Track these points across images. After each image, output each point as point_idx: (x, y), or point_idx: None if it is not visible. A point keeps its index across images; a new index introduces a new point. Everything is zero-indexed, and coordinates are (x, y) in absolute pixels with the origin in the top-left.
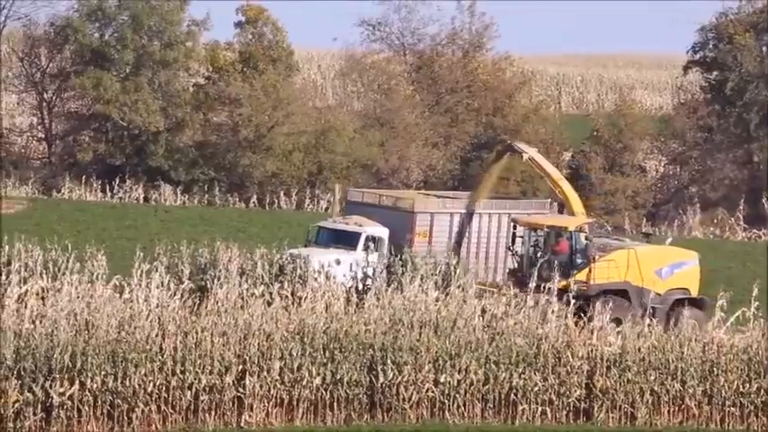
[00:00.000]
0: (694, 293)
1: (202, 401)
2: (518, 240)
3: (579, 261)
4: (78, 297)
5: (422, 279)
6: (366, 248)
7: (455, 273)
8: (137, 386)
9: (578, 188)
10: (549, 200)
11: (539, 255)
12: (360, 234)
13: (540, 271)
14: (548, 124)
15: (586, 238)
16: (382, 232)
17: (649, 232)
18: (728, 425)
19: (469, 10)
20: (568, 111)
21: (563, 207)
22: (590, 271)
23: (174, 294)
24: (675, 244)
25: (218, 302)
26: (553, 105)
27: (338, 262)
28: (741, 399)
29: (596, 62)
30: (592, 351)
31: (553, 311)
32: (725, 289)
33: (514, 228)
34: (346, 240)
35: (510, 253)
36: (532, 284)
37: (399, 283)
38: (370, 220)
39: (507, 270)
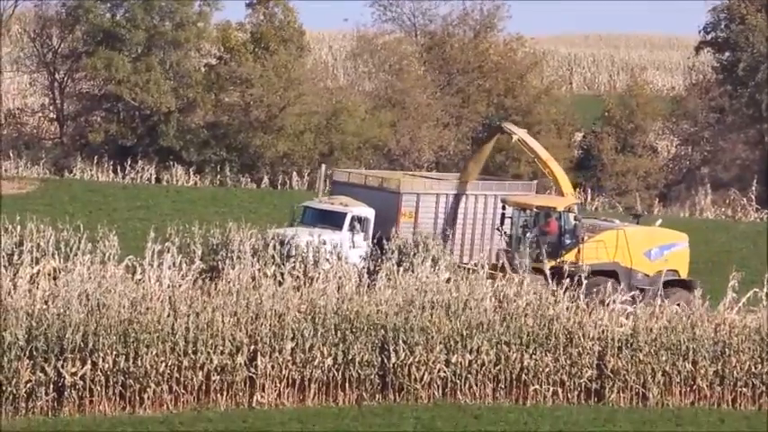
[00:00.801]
0: (684, 275)
1: (214, 382)
2: (507, 221)
3: (568, 241)
4: (90, 277)
5: (433, 260)
6: (352, 229)
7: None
8: (148, 366)
9: (590, 168)
10: (536, 181)
11: (527, 235)
12: (345, 214)
13: (531, 251)
14: (559, 105)
15: (575, 219)
16: (368, 213)
17: (639, 213)
18: (740, 405)
19: None
20: (580, 91)
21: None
22: (579, 251)
23: (186, 275)
24: (666, 225)
25: (229, 283)
26: (565, 86)
27: (323, 242)
28: (753, 379)
29: (608, 42)
30: (603, 332)
31: (565, 290)
32: (737, 269)
33: (503, 208)
34: (332, 220)
35: (498, 233)
36: (528, 264)
37: (411, 263)
38: (357, 201)
39: (496, 251)
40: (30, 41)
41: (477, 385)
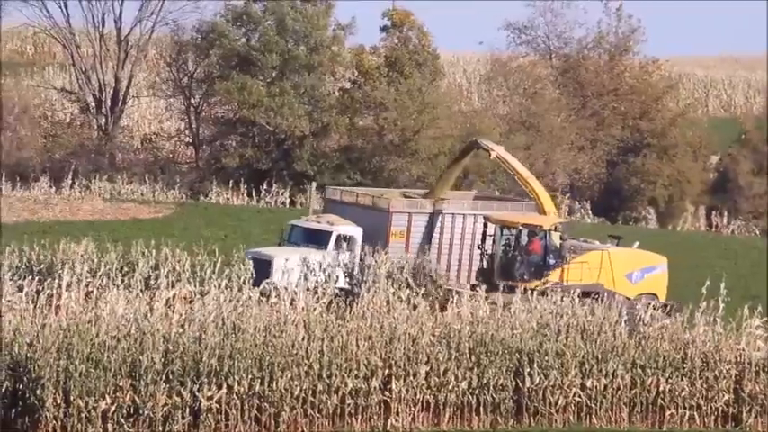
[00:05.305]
0: (662, 298)
1: (348, 405)
2: (488, 239)
3: (553, 261)
4: (225, 301)
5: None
6: (337, 247)
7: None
8: (283, 390)
9: (726, 192)
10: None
11: (509, 255)
12: (331, 233)
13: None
14: (695, 128)
15: (561, 238)
16: (355, 231)
17: (619, 235)
18: None
19: (616, 13)
20: (716, 114)
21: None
22: (563, 271)
23: (321, 298)
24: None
25: (363, 306)
26: (701, 108)
27: (305, 261)
28: None
29: (744, 65)
30: (740, 355)
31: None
32: None
33: (485, 226)
34: (317, 239)
35: (479, 252)
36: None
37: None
38: (343, 219)
39: (476, 269)
40: (166, 66)
41: (612, 409)
